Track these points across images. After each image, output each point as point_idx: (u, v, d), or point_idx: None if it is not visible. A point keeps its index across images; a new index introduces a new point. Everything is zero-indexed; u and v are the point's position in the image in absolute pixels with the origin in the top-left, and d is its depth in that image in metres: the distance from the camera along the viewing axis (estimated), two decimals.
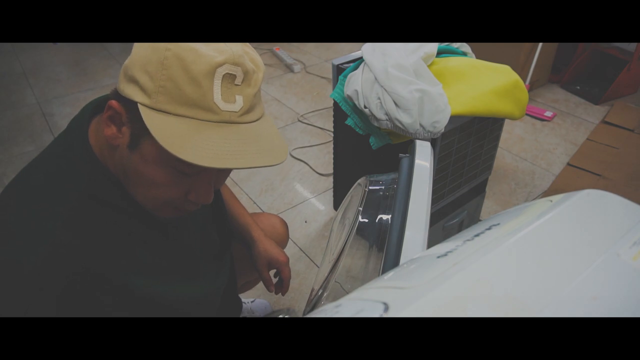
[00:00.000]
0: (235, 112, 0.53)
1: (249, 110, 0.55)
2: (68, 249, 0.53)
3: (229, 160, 0.51)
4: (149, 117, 0.50)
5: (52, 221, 0.53)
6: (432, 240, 0.91)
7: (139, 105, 0.51)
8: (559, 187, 1.84)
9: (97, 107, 0.62)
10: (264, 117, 0.59)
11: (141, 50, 0.52)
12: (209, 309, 0.77)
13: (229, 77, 0.52)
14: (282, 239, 1.08)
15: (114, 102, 0.53)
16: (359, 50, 1.24)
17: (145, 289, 0.61)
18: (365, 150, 1.26)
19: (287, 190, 1.85)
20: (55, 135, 0.63)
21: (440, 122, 1.04)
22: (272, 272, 0.96)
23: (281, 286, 0.96)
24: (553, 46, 2.50)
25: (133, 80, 0.52)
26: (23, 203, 0.55)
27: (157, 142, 0.50)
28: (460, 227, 1.47)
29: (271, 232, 1.02)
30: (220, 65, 0.51)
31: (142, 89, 0.51)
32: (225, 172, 0.61)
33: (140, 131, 0.52)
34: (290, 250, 1.56)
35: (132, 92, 0.52)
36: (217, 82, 0.51)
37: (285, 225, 1.09)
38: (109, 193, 0.58)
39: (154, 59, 0.50)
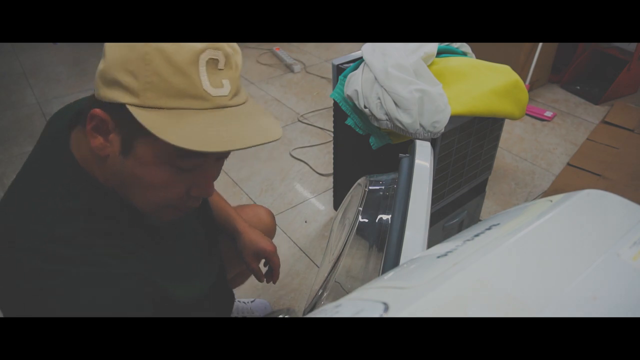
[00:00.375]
0: (226, 95, 0.53)
1: (236, 93, 0.54)
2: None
3: (233, 142, 0.50)
4: (142, 116, 0.49)
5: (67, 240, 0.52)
6: (432, 240, 0.91)
7: (128, 106, 0.49)
8: (559, 187, 1.83)
9: (70, 121, 0.60)
10: (249, 99, 0.59)
11: (116, 51, 0.50)
12: (205, 307, 0.76)
13: (212, 62, 0.51)
14: (269, 229, 1.06)
15: (97, 111, 0.51)
16: (359, 50, 1.24)
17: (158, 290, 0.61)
18: (365, 150, 1.26)
19: (287, 190, 1.85)
20: None
21: (440, 122, 1.04)
22: (261, 262, 0.96)
23: (271, 275, 0.95)
24: (553, 46, 2.50)
25: (114, 83, 0.50)
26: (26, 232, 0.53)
27: (152, 142, 0.49)
28: (460, 227, 1.47)
29: (256, 222, 1.01)
30: (203, 51, 0.50)
31: (127, 90, 0.49)
32: (220, 162, 0.61)
33: (132, 134, 0.51)
34: (290, 250, 1.56)
35: (116, 95, 0.50)
36: (203, 69, 0.50)
37: (271, 214, 1.08)
38: (106, 205, 0.57)
39: (134, 56, 0.49)
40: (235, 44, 0.56)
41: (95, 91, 0.53)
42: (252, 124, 0.54)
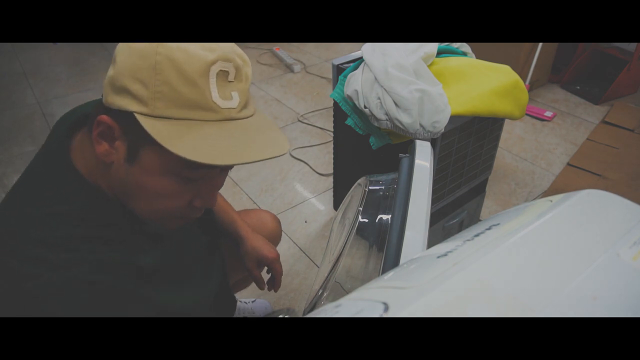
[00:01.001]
0: (234, 108, 0.53)
1: (245, 105, 0.55)
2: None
3: (241, 155, 0.50)
4: (150, 125, 0.49)
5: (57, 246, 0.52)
6: (432, 240, 0.91)
7: (136, 115, 0.49)
8: (559, 187, 1.83)
9: (74, 124, 0.60)
10: (257, 111, 0.59)
11: (128, 59, 0.50)
12: (203, 312, 0.76)
13: (223, 74, 0.51)
14: (274, 235, 1.05)
15: (105, 117, 0.51)
16: (359, 50, 1.24)
17: (150, 296, 0.61)
18: (365, 150, 1.26)
19: (287, 190, 1.85)
20: None
21: (440, 122, 1.04)
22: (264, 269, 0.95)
23: (273, 283, 0.95)
24: (553, 46, 2.50)
25: (124, 91, 0.50)
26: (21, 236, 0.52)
27: (158, 151, 0.49)
28: (460, 227, 1.47)
29: (260, 228, 1.00)
30: (214, 62, 0.50)
31: (136, 98, 0.49)
32: (225, 173, 0.61)
33: (138, 142, 0.51)
34: (290, 250, 1.56)
35: (125, 103, 0.50)
36: (213, 80, 0.50)
37: (276, 220, 1.07)
38: (106, 212, 0.57)
39: (145, 65, 0.49)
40: (245, 56, 0.56)
41: (104, 97, 0.52)
42: (260, 137, 0.54)
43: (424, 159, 0.60)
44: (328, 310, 0.32)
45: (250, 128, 0.54)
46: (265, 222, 1.04)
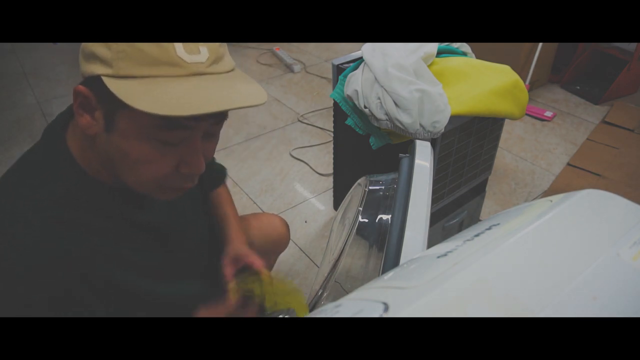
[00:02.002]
0: (203, 62, 0.51)
1: (216, 60, 0.53)
2: (59, 255, 0.52)
3: (206, 105, 0.49)
4: (115, 86, 0.48)
5: (36, 227, 0.51)
6: (432, 240, 0.91)
7: (103, 77, 0.49)
8: (559, 187, 1.83)
9: (70, 113, 0.60)
10: (236, 70, 0.57)
11: None
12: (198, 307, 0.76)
13: None
14: (282, 240, 1.06)
15: (81, 88, 0.51)
16: (359, 50, 1.24)
17: (133, 287, 0.61)
18: (365, 150, 1.26)
19: (287, 190, 1.85)
20: None
21: (440, 122, 1.04)
22: None
23: None
24: (553, 46, 2.50)
25: (92, 56, 0.50)
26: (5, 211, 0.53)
27: (131, 114, 0.48)
28: (460, 227, 1.47)
29: (271, 232, 1.01)
30: None
31: (102, 61, 0.49)
32: (211, 141, 0.59)
33: (112, 107, 0.50)
34: (290, 250, 1.56)
35: (93, 68, 0.50)
36: None
37: (286, 225, 1.08)
38: (93, 197, 0.57)
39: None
40: None
41: (80, 68, 0.53)
42: (229, 88, 0.52)
43: (424, 159, 0.60)
44: (328, 310, 0.32)
45: (222, 81, 0.52)
46: (276, 226, 1.05)
